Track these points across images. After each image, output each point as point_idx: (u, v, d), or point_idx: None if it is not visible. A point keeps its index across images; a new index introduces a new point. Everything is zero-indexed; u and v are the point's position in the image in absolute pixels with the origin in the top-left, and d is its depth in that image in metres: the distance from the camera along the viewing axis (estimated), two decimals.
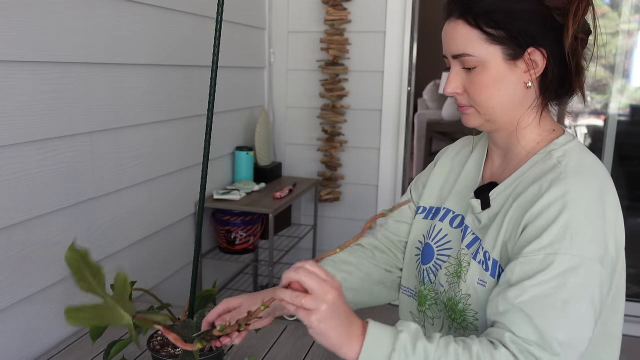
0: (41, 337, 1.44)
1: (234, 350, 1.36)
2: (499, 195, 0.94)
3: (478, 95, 0.91)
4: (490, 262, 0.91)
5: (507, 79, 0.90)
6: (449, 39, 0.92)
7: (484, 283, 0.91)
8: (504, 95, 0.91)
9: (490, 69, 0.89)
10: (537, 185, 0.87)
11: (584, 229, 0.82)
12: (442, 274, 1.01)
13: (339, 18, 2.69)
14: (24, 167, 1.34)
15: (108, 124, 1.63)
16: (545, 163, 0.91)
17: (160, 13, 1.86)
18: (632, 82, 3.08)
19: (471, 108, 0.94)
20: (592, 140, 4.11)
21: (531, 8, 0.87)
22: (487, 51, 0.88)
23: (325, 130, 2.81)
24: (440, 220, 1.05)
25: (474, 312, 0.93)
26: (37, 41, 1.35)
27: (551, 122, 0.97)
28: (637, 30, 2.92)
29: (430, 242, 1.06)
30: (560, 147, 0.92)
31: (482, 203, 0.96)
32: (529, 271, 0.82)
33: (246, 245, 2.40)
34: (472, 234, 0.97)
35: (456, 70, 0.93)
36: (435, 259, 1.03)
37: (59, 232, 1.47)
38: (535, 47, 0.88)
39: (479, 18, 0.88)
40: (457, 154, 1.13)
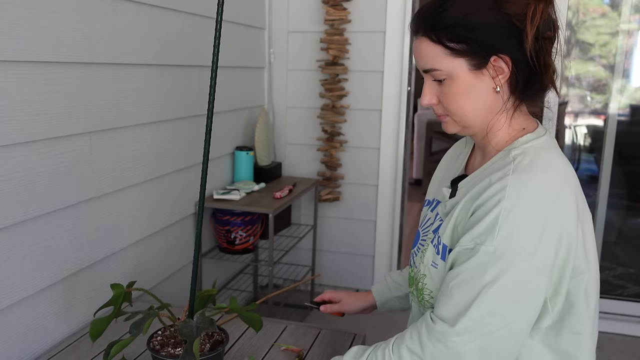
0: (41, 337, 1.44)
1: (234, 350, 1.37)
2: (464, 186, 1.02)
3: (450, 105, 0.98)
4: (440, 247, 1.00)
5: (476, 87, 0.95)
6: (417, 55, 0.99)
7: (435, 265, 1.01)
8: (474, 102, 0.97)
9: (459, 80, 0.95)
10: (487, 180, 0.94)
11: (510, 224, 0.88)
12: (418, 258, 1.10)
13: (339, 18, 2.69)
14: (23, 167, 1.34)
15: (108, 124, 1.63)
16: (503, 160, 0.96)
17: (160, 13, 1.86)
18: (632, 82, 3.08)
19: (447, 117, 1.01)
20: (592, 140, 4.11)
21: (490, 19, 0.92)
22: (453, 64, 0.94)
23: (325, 130, 2.81)
24: (431, 210, 1.15)
25: (429, 291, 1.03)
26: (37, 41, 1.35)
27: (523, 121, 1.01)
28: (637, 30, 2.92)
29: (419, 229, 1.16)
30: (522, 145, 0.97)
31: (451, 192, 1.05)
32: (461, 258, 0.93)
33: (246, 245, 2.40)
34: (439, 220, 1.06)
35: (429, 83, 1.00)
36: (418, 244, 1.13)
37: (59, 232, 1.47)
38: (497, 55, 0.93)
39: (441, 34, 0.93)
40: (455, 151, 1.21)
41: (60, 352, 1.39)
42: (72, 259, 1.52)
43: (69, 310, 1.53)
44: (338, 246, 2.98)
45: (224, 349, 1.11)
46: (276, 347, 1.38)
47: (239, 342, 1.41)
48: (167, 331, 1.13)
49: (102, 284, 1.65)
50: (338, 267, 3.00)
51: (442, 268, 0.99)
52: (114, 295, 1.06)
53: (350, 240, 2.95)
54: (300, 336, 1.44)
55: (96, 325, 1.04)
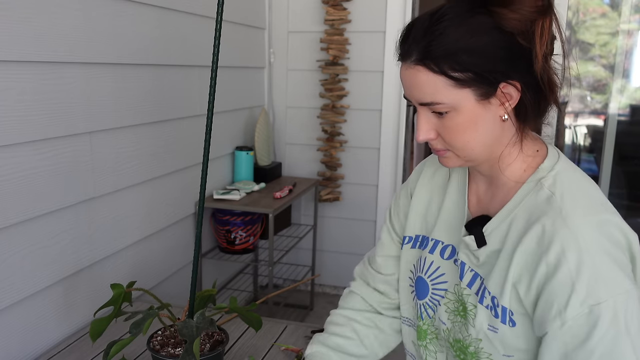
0: (41, 337, 1.44)
1: (234, 350, 1.37)
2: (494, 231, 0.90)
3: (455, 140, 0.86)
4: (499, 310, 0.87)
5: (483, 118, 0.84)
6: (411, 86, 0.85)
7: (495, 329, 0.88)
8: (482, 135, 0.86)
9: (464, 112, 0.83)
10: (539, 226, 0.83)
11: (609, 266, 0.79)
12: (442, 311, 0.98)
13: (339, 18, 2.69)
14: (24, 167, 1.34)
15: (108, 124, 1.63)
16: (537, 195, 0.86)
17: (160, 13, 1.86)
18: (632, 82, 3.08)
19: (449, 152, 0.89)
20: (592, 140, 4.11)
21: (494, 40, 0.80)
22: (458, 96, 0.82)
23: (325, 130, 2.81)
24: (430, 252, 1.01)
25: (487, 354, 0.91)
26: (37, 41, 1.35)
27: (533, 143, 0.92)
28: (637, 30, 2.92)
29: (423, 276, 1.02)
30: (549, 172, 0.88)
31: (477, 240, 0.91)
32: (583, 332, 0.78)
33: (246, 245, 2.40)
34: (471, 271, 0.93)
35: (426, 115, 0.87)
36: (430, 294, 1.00)
37: (59, 232, 1.47)
38: (506, 81, 0.82)
39: (441, 62, 0.80)
40: (434, 175, 1.07)
41: (60, 352, 1.39)
42: (72, 259, 1.52)
43: (69, 310, 1.53)
44: (338, 246, 2.98)
45: (224, 349, 1.11)
46: (276, 347, 1.38)
47: (239, 342, 1.41)
48: (167, 331, 1.13)
49: (102, 284, 1.65)
50: (338, 267, 3.00)
51: (505, 332, 0.87)
52: (114, 295, 1.06)
53: (350, 240, 2.95)
54: (300, 336, 1.44)
55: (96, 325, 1.04)
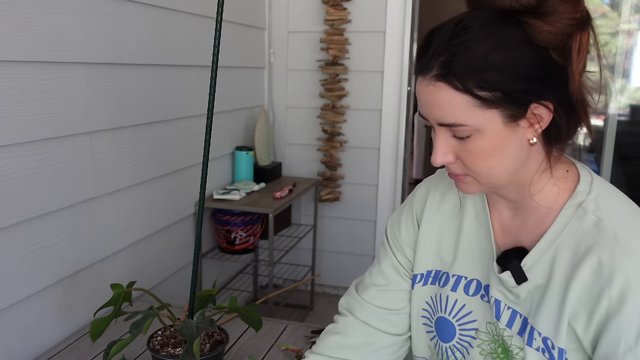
0: (41, 337, 1.44)
1: (234, 350, 1.36)
2: (536, 264, 0.81)
3: (477, 165, 0.77)
4: (555, 352, 0.78)
5: (510, 142, 0.75)
6: (430, 104, 0.76)
7: None
8: (507, 160, 0.76)
9: (489, 135, 0.74)
10: (594, 257, 0.75)
11: None
12: (475, 354, 0.89)
13: (339, 18, 2.69)
14: (23, 167, 1.34)
15: (108, 124, 1.63)
16: (582, 221, 0.78)
17: (161, 13, 1.86)
18: (632, 82, 3.08)
19: (469, 177, 0.80)
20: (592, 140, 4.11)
21: (526, 55, 0.71)
22: (484, 118, 0.73)
23: (325, 130, 2.81)
24: (453, 289, 0.91)
25: None
26: (37, 41, 1.35)
27: (561, 165, 0.83)
28: (637, 30, 2.92)
29: (447, 317, 0.92)
30: (588, 195, 0.79)
31: (515, 276, 0.81)
32: None
33: (246, 245, 2.40)
34: (508, 309, 0.84)
35: (444, 136, 0.78)
36: (458, 336, 0.91)
37: (59, 232, 1.47)
38: (538, 102, 0.73)
39: (466, 80, 0.71)
40: (442, 201, 0.96)
41: (60, 352, 1.39)
42: (71, 259, 1.52)
43: (68, 310, 1.53)
44: (338, 246, 2.98)
45: (224, 349, 1.11)
46: (276, 347, 1.38)
47: (239, 342, 1.41)
48: (167, 331, 1.13)
49: (102, 284, 1.65)
50: (338, 267, 3.00)
51: None
52: (114, 295, 1.06)
53: (350, 240, 2.95)
54: (300, 336, 1.44)
55: (96, 325, 1.04)
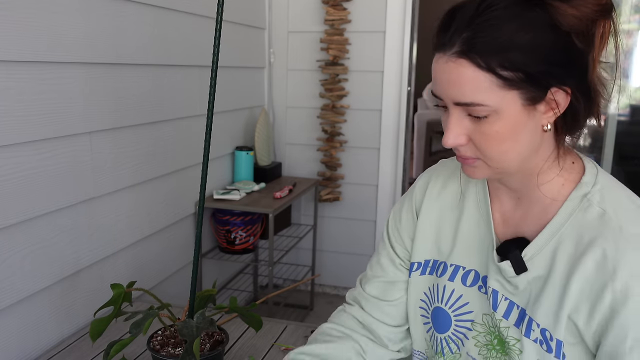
0: (41, 337, 1.44)
1: (234, 350, 1.36)
2: (537, 255, 0.80)
3: (491, 149, 0.75)
4: (553, 343, 0.78)
5: (525, 126, 0.74)
6: (449, 83, 0.74)
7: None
8: (521, 145, 0.75)
9: (506, 117, 0.73)
10: (597, 249, 0.74)
11: None
12: (470, 345, 0.88)
13: (339, 18, 2.69)
14: (23, 167, 1.34)
15: (108, 124, 1.63)
16: (586, 213, 0.78)
17: (161, 13, 1.86)
18: (632, 82, 3.08)
19: (478, 160, 0.78)
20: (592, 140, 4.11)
21: (550, 39, 0.70)
22: (504, 98, 0.71)
23: (325, 130, 2.81)
24: (450, 279, 0.90)
25: None
26: (37, 41, 1.35)
27: (569, 154, 0.83)
28: (637, 30, 2.92)
29: (443, 307, 0.91)
30: (593, 187, 0.79)
31: (515, 266, 0.81)
32: None
33: (246, 245, 2.40)
34: (505, 300, 0.83)
35: (459, 116, 0.76)
36: (454, 327, 0.90)
37: (58, 232, 1.47)
38: (558, 86, 0.72)
39: (490, 58, 0.70)
40: (442, 191, 0.95)
41: (60, 352, 1.39)
42: (71, 259, 1.52)
43: (68, 310, 1.53)
44: (338, 246, 2.98)
45: (224, 349, 1.11)
46: (276, 347, 1.38)
47: (239, 342, 1.41)
48: (167, 331, 1.13)
49: (102, 284, 1.65)
50: (338, 267, 3.00)
51: None
52: (114, 295, 1.06)
53: (350, 240, 2.95)
54: (300, 336, 1.44)
55: (96, 325, 1.04)
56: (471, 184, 0.92)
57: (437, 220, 0.94)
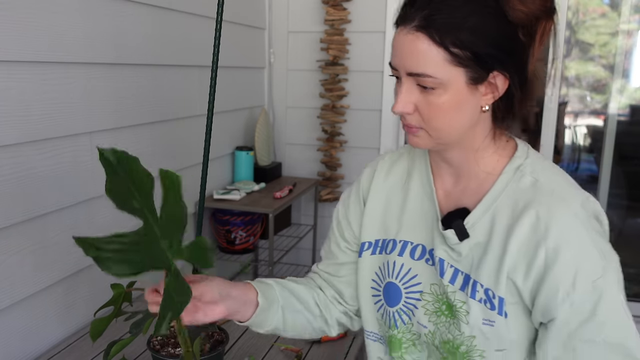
0: (41, 337, 1.44)
1: (234, 350, 1.37)
2: (477, 223, 0.88)
3: (434, 119, 0.83)
4: (496, 301, 0.85)
5: (466, 103, 0.82)
6: (405, 53, 0.81)
7: (491, 323, 0.86)
8: (460, 119, 0.83)
9: (451, 92, 0.80)
10: (532, 212, 0.82)
11: (601, 240, 0.83)
12: (420, 314, 0.94)
13: (339, 18, 2.69)
14: (24, 167, 1.34)
15: (108, 124, 1.63)
16: (520, 182, 0.86)
17: (160, 13, 1.86)
18: (632, 82, 3.09)
19: (422, 130, 0.85)
20: (592, 140, 4.11)
21: (498, 27, 0.79)
22: (451, 73, 0.79)
23: (325, 130, 2.81)
24: (400, 254, 0.97)
25: (480, 351, 0.88)
26: (37, 41, 1.35)
27: (503, 134, 0.91)
28: (637, 30, 2.92)
29: (394, 281, 0.97)
30: (525, 160, 0.88)
31: (458, 233, 0.88)
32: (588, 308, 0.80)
33: (246, 245, 2.40)
34: (451, 267, 0.90)
35: (409, 86, 0.83)
36: (404, 299, 0.96)
37: (59, 232, 1.47)
38: (500, 70, 0.81)
39: (445, 35, 0.77)
40: (388, 176, 1.02)
41: (60, 352, 1.39)
42: (72, 259, 1.52)
43: (69, 310, 1.53)
44: None
45: (224, 349, 1.11)
46: (276, 347, 1.38)
47: (239, 342, 1.41)
48: (167, 331, 1.13)
49: (102, 284, 1.64)
50: None
51: (501, 324, 0.85)
52: (114, 295, 1.06)
53: None
54: None
55: (96, 325, 1.04)
56: (416, 164, 1.00)
57: (384, 202, 1.01)
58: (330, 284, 1.09)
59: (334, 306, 1.08)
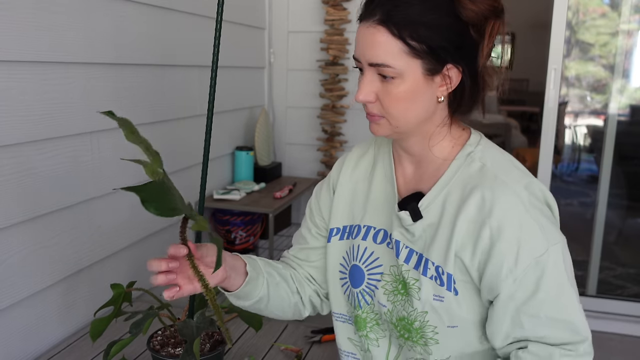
0: (41, 336, 1.44)
1: (234, 350, 1.37)
2: (430, 205, 0.94)
3: (393, 107, 0.89)
4: (445, 277, 0.91)
5: (423, 93, 0.88)
6: (367, 45, 0.88)
7: (440, 298, 0.91)
8: (418, 108, 0.90)
9: (408, 82, 0.87)
10: (477, 194, 0.89)
11: (543, 220, 0.88)
12: (380, 294, 0.99)
13: (339, 18, 2.69)
14: (24, 167, 1.34)
15: (108, 124, 1.63)
16: (469, 167, 0.92)
17: (160, 13, 1.86)
18: (632, 82, 3.08)
19: (383, 119, 0.91)
20: (592, 140, 4.11)
21: (451, 23, 0.86)
22: (408, 64, 0.86)
23: (325, 130, 2.81)
24: (363, 239, 1.03)
25: (432, 327, 0.93)
26: (38, 41, 1.35)
27: (459, 125, 0.98)
28: (637, 30, 2.92)
29: (357, 264, 1.03)
30: (476, 147, 0.94)
31: (412, 215, 0.94)
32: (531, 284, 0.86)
33: (246, 245, 2.40)
34: (406, 248, 0.96)
35: (371, 77, 0.89)
36: (367, 280, 1.02)
37: (59, 232, 1.47)
38: (453, 63, 0.87)
39: (402, 29, 0.84)
40: (356, 168, 1.10)
41: (60, 352, 1.39)
42: (72, 259, 1.52)
43: (69, 310, 1.53)
44: None
45: (223, 349, 1.11)
46: (276, 347, 1.38)
47: (239, 342, 1.41)
48: (167, 331, 1.13)
49: (102, 284, 1.65)
50: None
51: (451, 300, 0.91)
52: (114, 295, 1.06)
53: None
54: (300, 336, 1.44)
55: (96, 325, 1.04)
56: (380, 154, 1.06)
57: (351, 191, 1.08)
58: (302, 268, 1.15)
59: (307, 284, 1.13)
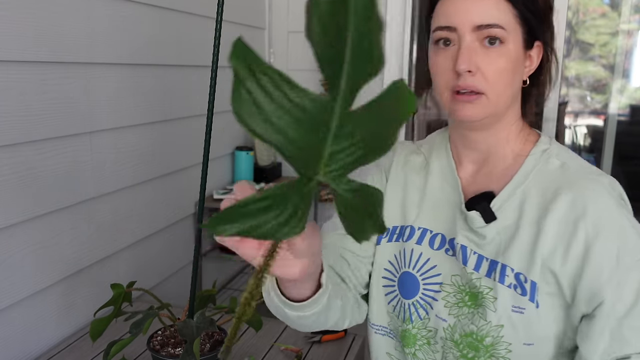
0: (41, 336, 1.44)
1: (234, 350, 1.37)
2: (503, 205, 0.85)
3: (497, 79, 0.80)
4: (528, 285, 0.80)
5: (520, 66, 0.83)
6: (474, 7, 0.79)
7: (521, 310, 0.80)
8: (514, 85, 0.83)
9: (512, 50, 0.80)
10: (567, 193, 0.80)
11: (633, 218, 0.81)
12: (440, 307, 0.88)
13: None
14: (24, 167, 1.34)
15: (108, 124, 1.63)
16: (547, 164, 0.85)
17: (160, 13, 1.86)
18: (632, 82, 3.09)
19: (481, 97, 0.80)
20: (592, 140, 4.11)
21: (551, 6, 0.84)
22: (515, 28, 0.80)
23: None
24: (418, 243, 0.92)
25: (506, 344, 0.81)
26: (37, 41, 1.35)
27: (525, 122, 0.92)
28: (637, 30, 2.92)
29: (411, 271, 0.91)
30: (550, 145, 0.88)
31: (484, 216, 0.85)
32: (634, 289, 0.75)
33: None
34: (474, 254, 0.86)
35: (472, 45, 0.79)
36: (422, 291, 0.90)
37: (59, 232, 1.47)
38: (541, 41, 0.84)
39: None
40: (407, 161, 0.99)
41: (60, 352, 1.39)
42: (72, 259, 1.52)
43: (69, 310, 1.53)
44: None
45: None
46: (276, 347, 1.38)
47: (239, 342, 1.41)
48: (167, 331, 1.13)
49: (102, 284, 1.65)
50: None
51: (531, 313, 0.80)
52: (114, 295, 1.06)
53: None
54: (300, 336, 1.44)
55: (96, 325, 1.04)
56: (434, 154, 0.97)
57: (403, 186, 0.97)
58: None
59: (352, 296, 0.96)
